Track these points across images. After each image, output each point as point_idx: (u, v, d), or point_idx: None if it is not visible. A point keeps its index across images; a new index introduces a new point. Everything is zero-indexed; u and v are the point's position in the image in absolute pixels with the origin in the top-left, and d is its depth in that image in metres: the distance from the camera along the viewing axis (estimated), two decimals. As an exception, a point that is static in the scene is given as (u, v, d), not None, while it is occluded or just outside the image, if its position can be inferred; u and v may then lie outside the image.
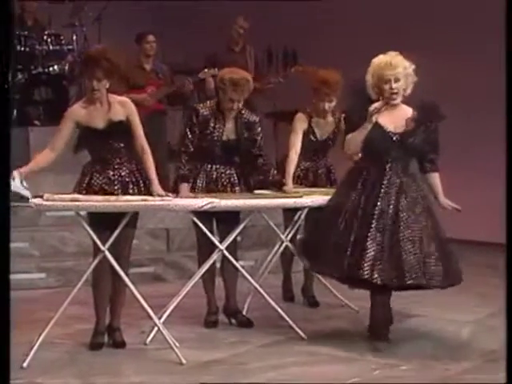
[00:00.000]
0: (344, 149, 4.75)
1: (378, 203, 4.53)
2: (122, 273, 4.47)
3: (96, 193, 4.45)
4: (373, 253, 4.44)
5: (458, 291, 4.85)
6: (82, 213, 4.49)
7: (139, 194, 4.50)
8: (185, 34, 8.69)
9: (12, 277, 6.10)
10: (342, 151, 5.53)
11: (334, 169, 5.70)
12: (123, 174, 4.51)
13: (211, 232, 5.01)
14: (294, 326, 4.87)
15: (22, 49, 8.17)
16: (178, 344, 4.49)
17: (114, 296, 4.60)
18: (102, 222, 4.44)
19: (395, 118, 4.62)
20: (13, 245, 6.37)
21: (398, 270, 4.44)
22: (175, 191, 4.86)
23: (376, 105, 4.60)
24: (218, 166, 5.02)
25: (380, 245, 4.46)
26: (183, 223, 6.49)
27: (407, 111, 4.64)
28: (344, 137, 5.50)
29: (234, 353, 4.56)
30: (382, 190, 4.56)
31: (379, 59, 4.60)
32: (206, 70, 7.05)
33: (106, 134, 4.46)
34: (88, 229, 4.45)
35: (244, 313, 5.24)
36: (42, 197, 4.44)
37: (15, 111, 8.09)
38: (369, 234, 4.47)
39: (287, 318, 4.90)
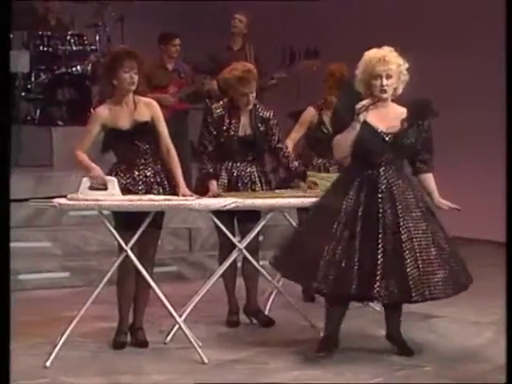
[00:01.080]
0: (333, 152, 4.45)
1: (380, 214, 4.22)
2: (144, 272, 4.48)
3: (121, 193, 4.47)
4: (381, 269, 4.14)
5: (479, 292, 4.82)
6: (105, 212, 4.51)
7: (164, 194, 4.52)
8: (206, 33, 8.70)
9: (35, 276, 6.22)
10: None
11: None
12: (148, 174, 4.53)
13: (233, 232, 5.02)
14: (314, 325, 4.86)
15: (45, 49, 8.23)
16: (200, 343, 4.50)
17: (138, 295, 4.62)
18: (126, 221, 4.46)
19: (385, 117, 4.33)
20: (36, 244, 6.50)
21: (402, 286, 4.16)
22: (198, 191, 4.88)
23: (364, 102, 4.29)
24: (238, 164, 5.02)
25: (384, 260, 4.16)
26: (206, 223, 6.50)
27: (398, 110, 4.36)
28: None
29: (255, 352, 4.56)
30: (380, 197, 4.25)
31: (371, 53, 4.32)
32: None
33: (132, 135, 4.49)
34: (111, 228, 4.47)
35: (266, 312, 5.25)
36: (65, 196, 4.47)
37: (38, 111, 8.16)
38: (375, 249, 4.16)
39: (307, 318, 4.90)
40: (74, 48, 8.25)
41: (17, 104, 8.14)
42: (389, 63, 4.26)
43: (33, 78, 8.19)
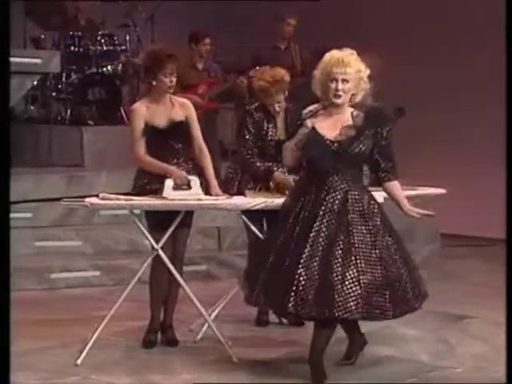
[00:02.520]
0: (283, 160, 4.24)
1: (315, 224, 3.94)
2: (174, 271, 4.50)
3: (153, 192, 4.49)
4: (303, 283, 3.85)
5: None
6: (136, 211, 4.54)
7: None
8: (236, 31, 8.71)
9: (67, 275, 6.27)
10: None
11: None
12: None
13: (262, 231, 5.01)
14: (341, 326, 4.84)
15: (76, 49, 8.29)
16: (230, 342, 4.50)
17: (169, 294, 4.64)
18: (157, 221, 4.49)
19: (336, 124, 4.03)
20: (68, 243, 6.55)
21: (329, 303, 3.85)
22: (226, 190, 4.91)
23: (311, 107, 4.06)
24: (275, 169, 4.99)
25: (312, 274, 3.87)
26: (235, 222, 6.50)
27: (352, 116, 4.06)
28: None
29: (285, 352, 4.56)
30: (322, 210, 3.96)
31: (331, 54, 4.04)
32: (257, 68, 7.06)
33: (167, 134, 4.51)
34: (142, 228, 4.49)
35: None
36: (97, 196, 4.50)
37: (69, 111, 8.22)
38: (301, 262, 3.88)
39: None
40: (105, 48, 8.30)
41: (48, 104, 8.22)
42: (347, 66, 3.97)
43: (63, 79, 8.25)
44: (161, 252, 4.47)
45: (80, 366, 4.25)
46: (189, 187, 4.42)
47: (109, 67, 8.29)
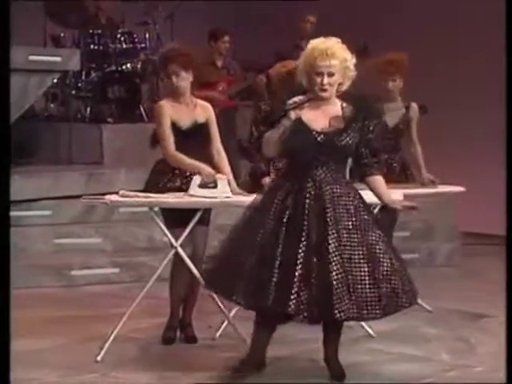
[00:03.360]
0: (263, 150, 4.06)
1: (305, 222, 3.79)
2: (194, 269, 4.50)
3: (174, 189, 4.51)
4: (297, 283, 3.71)
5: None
6: (155, 209, 4.55)
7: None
8: (256, 30, 8.71)
9: (86, 272, 6.29)
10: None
11: (410, 164, 5.62)
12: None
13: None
14: (363, 324, 4.82)
15: (96, 47, 8.31)
16: (249, 340, 4.50)
17: (189, 291, 4.65)
18: (176, 218, 4.49)
19: (325, 116, 3.89)
20: (87, 240, 6.57)
21: (324, 303, 3.73)
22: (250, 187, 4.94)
23: (295, 99, 3.91)
24: None
25: (305, 273, 3.74)
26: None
27: (339, 108, 3.94)
28: (411, 125, 5.48)
29: (305, 349, 4.55)
30: (307, 204, 3.82)
31: (314, 44, 3.88)
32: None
33: (189, 134, 4.55)
34: (161, 225, 4.50)
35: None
36: (116, 193, 4.51)
37: (88, 109, 8.24)
38: (298, 262, 3.74)
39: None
40: (124, 46, 8.31)
41: (68, 102, 8.25)
42: (332, 58, 3.80)
43: (83, 77, 8.27)
44: (180, 249, 4.48)
45: (99, 363, 4.26)
46: (215, 185, 4.44)
47: (128, 65, 8.30)
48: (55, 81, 7.58)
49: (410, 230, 7.03)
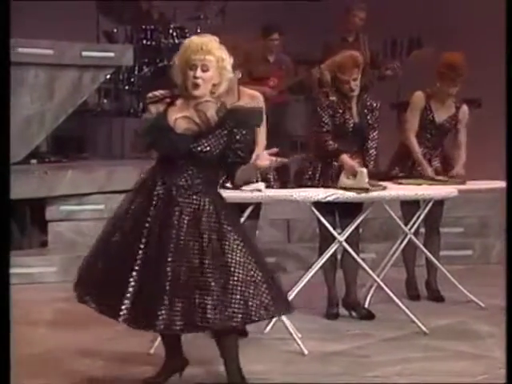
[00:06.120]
0: None
1: (145, 228, 3.57)
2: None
3: None
4: (131, 290, 3.53)
5: None
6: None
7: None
8: (306, 23, 8.68)
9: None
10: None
11: (453, 160, 5.54)
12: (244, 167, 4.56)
13: (334, 223, 4.99)
14: (415, 320, 4.79)
15: (148, 42, 8.37)
16: (299, 334, 4.50)
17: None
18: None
19: (192, 117, 3.65)
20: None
21: (148, 313, 3.52)
22: (296, 182, 4.97)
23: (156, 92, 3.73)
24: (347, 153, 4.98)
25: (140, 281, 3.54)
26: (304, 214, 6.47)
27: (215, 112, 3.66)
28: (458, 126, 5.41)
29: (356, 345, 4.53)
30: (152, 207, 3.60)
31: (190, 40, 3.74)
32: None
33: None
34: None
35: (366, 306, 5.20)
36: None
37: (141, 104, 8.30)
38: (131, 267, 3.55)
39: (408, 313, 4.82)
40: (176, 41, 8.34)
41: (120, 97, 8.33)
42: (207, 53, 3.63)
43: (136, 72, 8.34)
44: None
45: (153, 355, 4.28)
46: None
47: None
48: (108, 76, 7.66)
49: (463, 226, 6.95)
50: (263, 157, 3.65)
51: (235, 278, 3.54)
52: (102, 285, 3.63)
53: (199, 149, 3.60)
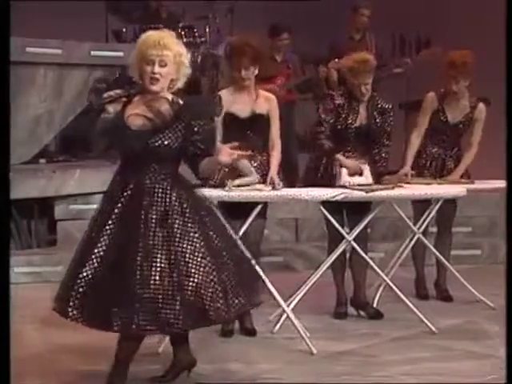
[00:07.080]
0: None
1: (108, 226, 3.56)
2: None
3: None
4: (82, 289, 3.54)
5: None
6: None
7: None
8: (313, 22, 8.67)
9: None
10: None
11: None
12: (255, 165, 4.57)
13: (342, 223, 4.98)
14: (424, 320, 4.78)
15: (157, 42, 8.37)
16: (308, 334, 4.49)
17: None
18: (233, 211, 4.50)
19: (148, 113, 3.60)
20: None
21: (105, 313, 3.51)
22: (307, 179, 4.96)
23: (111, 92, 3.69)
24: (349, 154, 4.96)
25: (93, 278, 3.54)
26: (312, 213, 6.48)
27: (169, 106, 3.63)
28: (474, 126, 5.39)
29: (364, 345, 4.52)
30: (116, 209, 3.57)
31: (147, 35, 3.66)
32: (336, 61, 7.01)
33: (247, 124, 4.57)
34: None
35: (374, 305, 5.19)
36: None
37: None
38: (85, 268, 3.56)
39: (417, 312, 4.82)
40: (185, 40, 8.32)
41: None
42: (165, 48, 3.57)
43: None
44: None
45: (161, 355, 4.28)
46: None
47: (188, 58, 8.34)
48: (117, 75, 7.66)
49: (472, 225, 6.93)
50: (224, 151, 3.61)
51: (195, 280, 3.50)
52: (62, 286, 3.68)
53: (157, 144, 3.55)
